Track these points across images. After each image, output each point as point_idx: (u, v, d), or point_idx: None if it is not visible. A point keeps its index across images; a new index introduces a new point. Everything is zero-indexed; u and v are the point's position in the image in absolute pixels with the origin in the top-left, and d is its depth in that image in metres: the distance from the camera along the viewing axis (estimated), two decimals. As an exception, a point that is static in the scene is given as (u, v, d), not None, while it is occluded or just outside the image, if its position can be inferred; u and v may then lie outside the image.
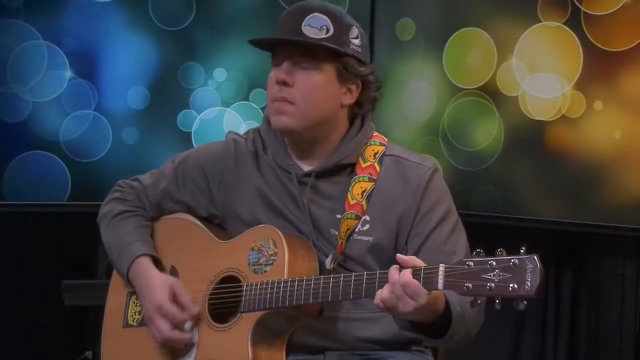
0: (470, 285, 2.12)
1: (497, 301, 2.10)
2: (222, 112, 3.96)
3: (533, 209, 3.68)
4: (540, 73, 3.63)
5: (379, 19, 3.97)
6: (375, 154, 2.48)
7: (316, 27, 2.41)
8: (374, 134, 2.52)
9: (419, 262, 2.22)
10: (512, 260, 2.10)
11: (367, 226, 2.44)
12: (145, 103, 3.95)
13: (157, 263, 2.58)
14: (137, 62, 3.94)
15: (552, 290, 3.87)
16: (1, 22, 3.85)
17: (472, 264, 2.13)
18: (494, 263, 2.11)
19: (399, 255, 2.24)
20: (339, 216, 2.44)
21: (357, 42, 2.45)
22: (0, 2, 3.83)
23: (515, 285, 2.08)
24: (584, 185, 3.57)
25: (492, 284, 2.10)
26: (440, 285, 2.16)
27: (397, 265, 2.22)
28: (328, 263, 2.43)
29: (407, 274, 2.18)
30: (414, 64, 3.90)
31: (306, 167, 2.49)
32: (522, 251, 2.12)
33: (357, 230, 2.44)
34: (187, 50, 3.96)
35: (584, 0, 3.52)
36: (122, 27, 3.93)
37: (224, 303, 2.47)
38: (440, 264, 2.17)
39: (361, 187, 2.45)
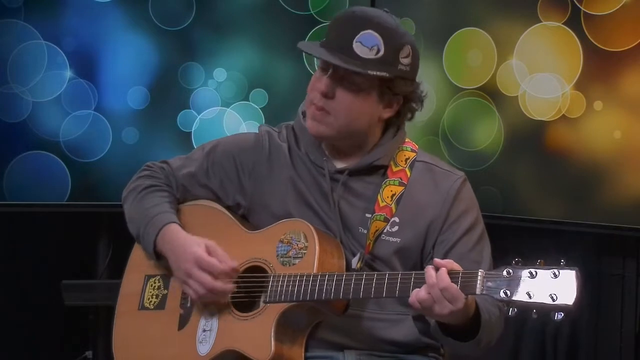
0: (509, 292, 2.12)
1: (534, 310, 2.10)
2: (222, 112, 3.96)
3: (533, 209, 3.68)
4: (540, 73, 3.63)
5: (379, 19, 3.96)
6: (407, 159, 2.51)
7: (367, 46, 2.39)
8: (406, 140, 2.55)
9: (456, 265, 2.24)
10: (552, 271, 2.10)
11: (395, 228, 2.46)
12: (145, 103, 3.95)
13: None
14: (137, 62, 3.93)
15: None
16: (1, 22, 3.85)
17: (511, 271, 2.13)
18: (534, 272, 2.12)
19: (436, 260, 2.25)
20: (368, 215, 2.46)
21: (406, 60, 2.43)
22: (0, 2, 3.83)
23: (555, 296, 2.08)
24: (584, 185, 3.57)
25: (532, 293, 2.10)
26: (479, 290, 2.16)
27: (432, 266, 2.23)
28: (355, 262, 2.44)
29: (445, 277, 2.19)
30: (414, 64, 3.89)
31: (339, 165, 2.51)
32: (562, 263, 2.12)
33: (385, 231, 2.45)
34: (187, 50, 3.95)
35: (584, 0, 3.52)
36: (122, 27, 3.92)
37: (248, 292, 2.46)
38: (480, 270, 2.18)
39: (391, 191, 2.47)
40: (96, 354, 4.07)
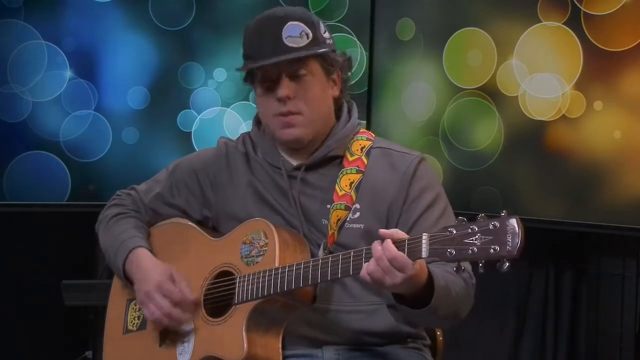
0: (453, 250, 2.14)
1: (480, 264, 2.12)
2: (222, 112, 3.96)
3: (533, 209, 3.68)
4: (540, 73, 3.63)
5: (379, 19, 3.97)
6: (363, 148, 2.54)
7: (296, 35, 2.46)
8: (361, 130, 2.58)
9: (401, 234, 2.25)
10: (492, 223, 2.13)
11: (357, 214, 2.48)
12: (145, 103, 3.95)
13: None
14: (137, 62, 3.94)
15: (552, 290, 3.87)
16: (1, 22, 3.85)
17: (454, 230, 2.16)
18: (475, 227, 2.14)
19: (381, 230, 2.27)
20: (328, 206, 2.49)
21: (327, 35, 2.52)
22: (0, 2, 3.83)
23: (497, 247, 2.11)
24: (584, 185, 3.57)
25: (475, 248, 2.13)
26: (424, 253, 2.18)
27: (379, 240, 2.24)
28: (320, 253, 2.46)
29: (391, 247, 2.21)
30: (414, 64, 3.90)
31: (295, 162, 2.54)
32: (502, 214, 2.14)
33: (348, 219, 2.48)
34: (187, 50, 3.96)
35: (584, 0, 3.53)
36: (122, 27, 3.93)
37: (219, 298, 2.49)
38: (424, 233, 2.19)
39: (349, 179, 2.50)
40: (96, 353, 4.08)
